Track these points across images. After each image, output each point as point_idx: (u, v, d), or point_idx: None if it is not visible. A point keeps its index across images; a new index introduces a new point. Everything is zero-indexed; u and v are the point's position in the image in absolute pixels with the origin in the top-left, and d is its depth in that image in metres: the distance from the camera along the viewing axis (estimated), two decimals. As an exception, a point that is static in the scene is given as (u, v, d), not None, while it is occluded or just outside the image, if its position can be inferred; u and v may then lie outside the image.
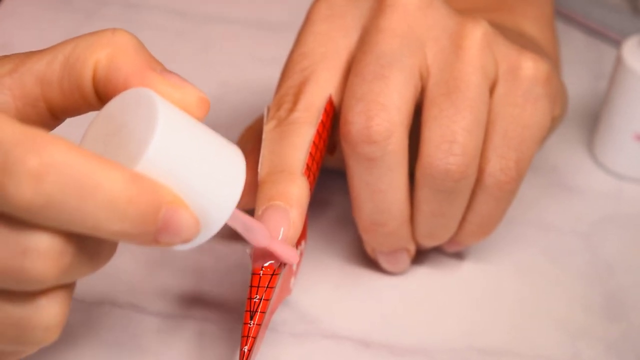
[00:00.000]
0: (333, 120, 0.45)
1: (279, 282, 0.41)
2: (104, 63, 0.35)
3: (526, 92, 0.44)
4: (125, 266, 0.48)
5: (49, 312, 0.32)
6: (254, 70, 0.59)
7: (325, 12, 0.46)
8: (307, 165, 0.42)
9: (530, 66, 0.45)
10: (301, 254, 0.45)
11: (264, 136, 0.44)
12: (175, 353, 0.44)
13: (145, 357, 0.44)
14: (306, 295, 0.47)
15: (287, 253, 0.40)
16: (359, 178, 0.44)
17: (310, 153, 0.42)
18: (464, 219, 0.46)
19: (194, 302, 0.47)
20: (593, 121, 0.59)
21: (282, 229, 0.40)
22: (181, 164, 0.32)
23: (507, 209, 0.46)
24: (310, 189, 0.42)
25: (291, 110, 0.44)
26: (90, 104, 0.36)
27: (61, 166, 0.29)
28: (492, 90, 0.45)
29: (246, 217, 0.38)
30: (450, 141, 0.43)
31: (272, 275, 0.40)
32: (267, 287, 0.40)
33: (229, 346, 0.44)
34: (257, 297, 0.39)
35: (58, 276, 0.31)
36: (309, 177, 0.42)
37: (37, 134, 0.30)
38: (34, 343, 0.33)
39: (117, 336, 0.45)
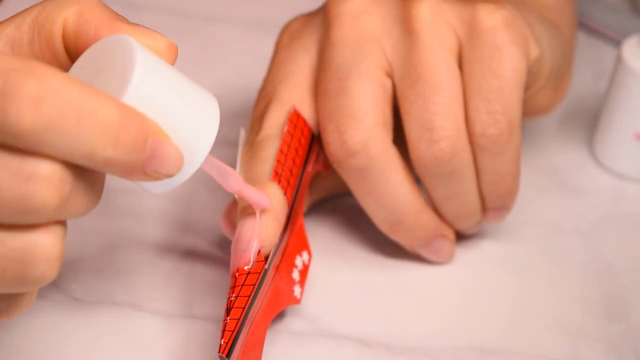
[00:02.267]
0: (304, 127, 0.46)
1: (262, 282, 0.41)
2: (73, 19, 0.36)
3: (489, 44, 0.44)
4: (124, 266, 0.48)
5: (50, 242, 0.33)
6: (254, 70, 0.59)
7: (285, 40, 0.49)
8: (276, 171, 0.44)
9: (486, 18, 0.45)
10: (305, 266, 0.45)
11: (239, 161, 0.45)
12: (175, 352, 0.44)
13: (145, 357, 0.44)
14: (306, 294, 0.47)
15: (259, 197, 0.41)
16: (359, 189, 0.45)
17: (278, 160, 0.44)
18: (480, 185, 0.46)
19: (193, 302, 0.47)
20: (593, 121, 0.59)
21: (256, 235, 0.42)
22: (161, 101, 0.34)
23: (517, 158, 0.46)
24: (287, 192, 0.44)
25: (258, 132, 0.46)
26: (61, 63, 0.37)
27: (59, 91, 0.31)
28: (461, 55, 0.45)
29: (219, 163, 0.39)
30: (428, 129, 0.44)
31: (248, 274, 0.41)
32: (243, 285, 0.41)
33: (229, 346, 0.44)
34: (234, 296, 0.40)
35: (59, 205, 0.32)
36: (279, 182, 0.43)
37: (34, 63, 0.31)
38: (35, 279, 0.33)
39: (117, 336, 0.45)
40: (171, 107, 0.34)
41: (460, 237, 0.50)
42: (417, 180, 0.46)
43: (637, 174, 0.56)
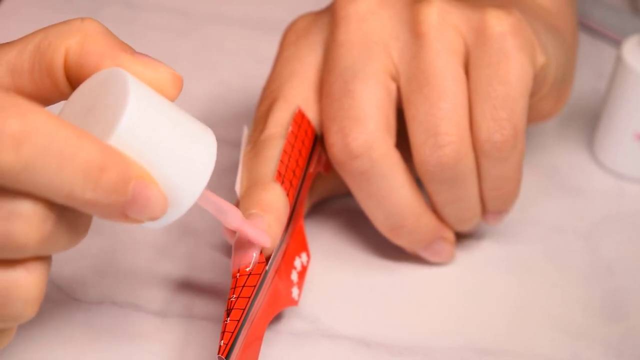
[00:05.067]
0: (308, 127, 0.46)
1: (262, 283, 0.41)
2: (75, 49, 0.35)
3: (497, 50, 0.44)
4: (124, 266, 0.48)
5: (28, 283, 0.33)
6: (254, 70, 0.59)
7: (291, 39, 0.48)
8: (279, 171, 0.43)
9: (495, 24, 0.44)
10: (304, 267, 0.45)
11: (241, 159, 0.45)
12: (175, 352, 0.44)
13: (145, 357, 0.44)
14: (306, 295, 0.47)
15: (258, 235, 0.41)
16: (360, 191, 0.45)
17: (281, 160, 0.44)
18: (482, 189, 0.46)
19: (194, 301, 0.47)
20: (593, 121, 0.59)
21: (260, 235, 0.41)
22: (151, 142, 0.33)
23: (520, 164, 0.46)
24: (289, 193, 0.43)
25: (262, 130, 0.46)
26: (61, 92, 0.36)
27: (41, 131, 0.30)
28: (468, 60, 0.45)
29: (218, 199, 0.39)
30: (434, 135, 0.44)
31: (249, 275, 0.41)
32: (243, 286, 0.41)
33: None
34: (234, 297, 0.40)
35: (39, 243, 0.32)
36: (282, 183, 0.43)
37: (18, 100, 0.31)
38: (12, 318, 0.33)
39: (117, 335, 0.45)
40: (162, 147, 0.33)
41: (460, 237, 0.50)
42: (417, 180, 0.46)
43: (637, 174, 0.56)
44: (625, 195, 0.55)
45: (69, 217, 0.33)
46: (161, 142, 0.33)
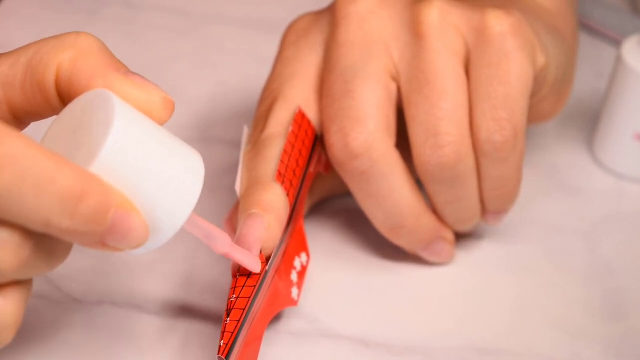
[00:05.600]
0: (308, 127, 0.46)
1: (262, 283, 0.41)
2: (67, 65, 0.35)
3: (498, 50, 0.44)
4: (125, 266, 0.48)
5: (4, 310, 0.33)
6: (254, 70, 0.59)
7: (292, 38, 0.48)
8: (279, 171, 0.43)
9: (495, 24, 0.44)
10: (304, 268, 0.45)
11: (241, 159, 0.45)
12: (175, 353, 0.44)
13: (145, 357, 0.44)
14: (306, 294, 0.47)
15: (248, 260, 0.40)
16: (360, 191, 0.45)
17: (282, 160, 0.44)
18: (482, 190, 0.46)
19: (194, 302, 0.47)
20: (593, 121, 0.59)
21: (260, 234, 0.41)
22: (135, 167, 0.33)
23: (520, 164, 0.46)
24: (290, 193, 0.43)
25: (263, 130, 0.45)
26: (53, 107, 0.36)
27: (19, 158, 0.30)
28: (469, 60, 0.45)
29: (206, 224, 0.38)
30: (434, 135, 0.44)
31: (249, 275, 0.41)
32: (243, 286, 0.41)
33: (229, 346, 0.44)
34: (234, 297, 0.40)
35: (17, 268, 0.32)
36: (283, 182, 0.43)
37: None
38: None
39: (117, 336, 0.45)
40: (147, 172, 0.33)
41: (460, 237, 0.50)
42: (417, 180, 0.46)
43: (637, 174, 0.56)
44: (625, 195, 0.55)
45: (47, 242, 0.33)
46: (146, 168, 0.33)
